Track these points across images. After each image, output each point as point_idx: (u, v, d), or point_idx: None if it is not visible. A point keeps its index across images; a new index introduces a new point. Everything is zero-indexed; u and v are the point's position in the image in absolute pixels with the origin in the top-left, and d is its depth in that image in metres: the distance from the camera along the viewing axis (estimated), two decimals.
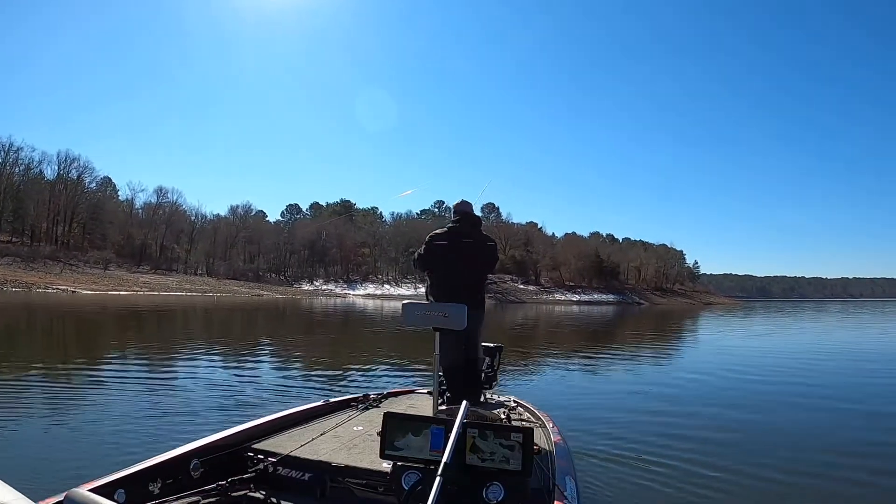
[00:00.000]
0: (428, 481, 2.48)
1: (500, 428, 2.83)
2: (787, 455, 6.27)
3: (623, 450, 6.10)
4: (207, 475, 3.15)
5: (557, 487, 2.98)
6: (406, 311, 4.28)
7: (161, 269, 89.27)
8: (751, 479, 5.36)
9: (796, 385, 11.45)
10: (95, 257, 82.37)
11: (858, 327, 35.73)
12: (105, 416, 7.08)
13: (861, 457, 6.38)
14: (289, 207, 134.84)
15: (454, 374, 4.89)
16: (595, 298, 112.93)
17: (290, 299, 74.05)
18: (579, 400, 9.23)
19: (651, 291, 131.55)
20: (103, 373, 10.73)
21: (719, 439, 6.84)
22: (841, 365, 15.85)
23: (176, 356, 13.73)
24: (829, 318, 47.58)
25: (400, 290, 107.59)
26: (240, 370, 11.85)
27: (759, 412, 8.79)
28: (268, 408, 7.01)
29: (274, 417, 4.04)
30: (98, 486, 2.59)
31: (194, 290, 76.26)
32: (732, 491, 5.05)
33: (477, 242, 5.03)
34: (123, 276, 78.35)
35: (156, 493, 2.88)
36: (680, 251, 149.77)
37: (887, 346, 22.54)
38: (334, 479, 3.22)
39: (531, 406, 5.02)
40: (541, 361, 14.64)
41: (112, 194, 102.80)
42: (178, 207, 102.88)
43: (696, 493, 4.94)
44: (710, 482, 5.21)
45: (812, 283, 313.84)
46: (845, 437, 7.42)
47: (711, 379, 12.35)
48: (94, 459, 5.15)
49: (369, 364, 13.12)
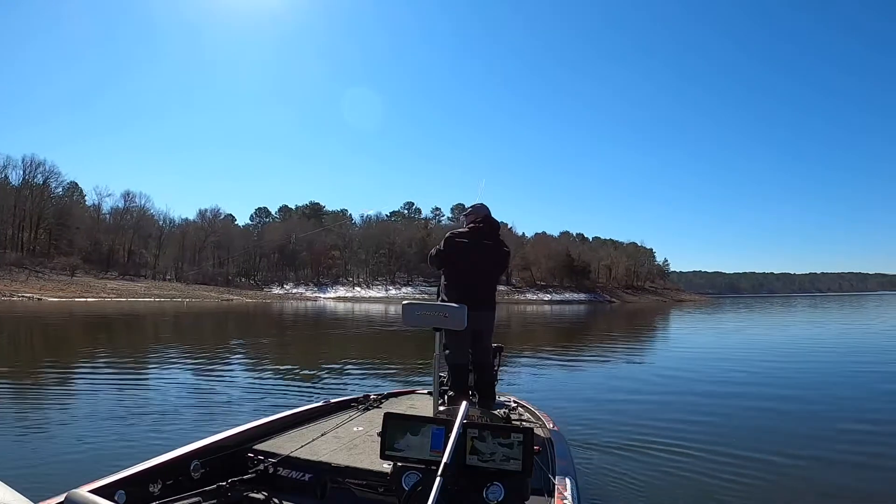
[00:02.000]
0: (428, 482, 2.50)
1: (501, 428, 2.85)
2: (788, 453, 6.20)
3: (623, 449, 6.10)
4: (208, 476, 3.16)
5: (558, 487, 2.97)
6: (406, 311, 4.22)
7: (129, 275, 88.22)
8: (752, 479, 5.26)
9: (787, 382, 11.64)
10: (62, 264, 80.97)
11: (827, 322, 35.83)
12: (78, 420, 7.11)
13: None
14: (258, 211, 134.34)
15: (460, 373, 4.88)
16: (566, 298, 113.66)
17: (261, 304, 73.54)
18: (577, 400, 9.19)
19: (622, 290, 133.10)
20: (72, 378, 10.80)
21: (719, 438, 6.73)
22: (828, 356, 16.35)
23: (156, 362, 13.78)
24: (797, 313, 47.48)
25: (371, 293, 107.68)
26: (212, 374, 11.92)
27: (759, 410, 8.63)
28: (267, 409, 7.12)
29: (274, 418, 4.05)
30: (98, 486, 2.60)
31: (163, 295, 75.14)
32: (734, 490, 4.97)
33: (496, 245, 5.05)
34: (91, 283, 77.00)
35: (156, 493, 2.88)
36: (650, 249, 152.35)
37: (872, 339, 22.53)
38: (335, 480, 3.23)
39: (531, 406, 5.02)
40: (528, 361, 14.58)
41: (79, 199, 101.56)
42: (146, 212, 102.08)
43: (696, 493, 4.92)
44: (711, 482, 5.17)
45: (780, 278, 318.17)
46: (845, 422, 7.80)
47: (707, 377, 12.39)
48: (82, 462, 5.24)
49: (367, 364, 13.42)
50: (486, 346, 5.02)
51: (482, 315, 4.83)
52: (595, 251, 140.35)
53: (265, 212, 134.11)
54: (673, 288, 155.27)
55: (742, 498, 4.83)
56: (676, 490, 4.96)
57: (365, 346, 19.42)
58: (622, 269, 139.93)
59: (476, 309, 4.49)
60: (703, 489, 4.96)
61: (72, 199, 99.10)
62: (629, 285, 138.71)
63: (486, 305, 4.92)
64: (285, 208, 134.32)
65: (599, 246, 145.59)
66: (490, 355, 5.09)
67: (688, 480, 5.16)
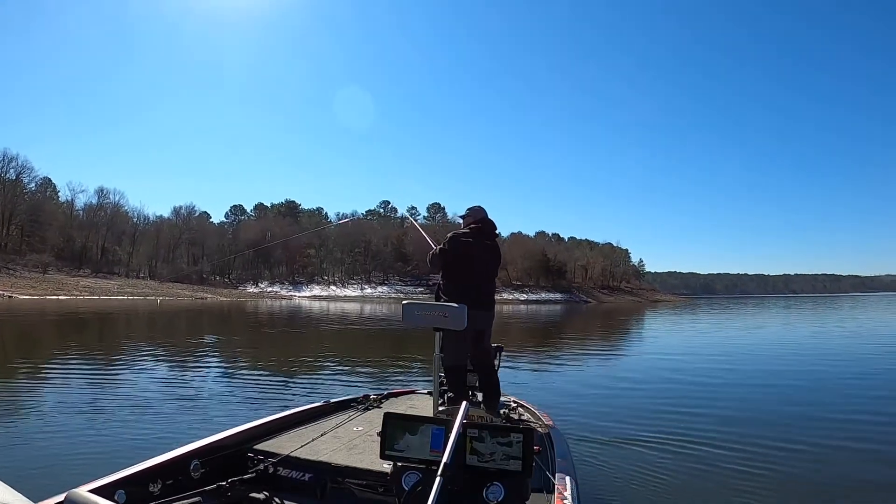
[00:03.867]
0: (428, 482, 2.51)
1: (501, 428, 2.86)
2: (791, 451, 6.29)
3: (623, 449, 6.13)
4: (208, 476, 3.15)
5: (558, 487, 2.97)
6: (406, 311, 4.20)
7: (102, 273, 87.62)
8: (754, 479, 5.24)
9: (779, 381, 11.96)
10: (34, 261, 79.95)
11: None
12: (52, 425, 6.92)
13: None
14: (233, 208, 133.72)
15: (458, 375, 4.84)
16: (542, 297, 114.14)
17: (235, 302, 73.42)
18: (575, 400, 9.17)
19: (598, 290, 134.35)
20: (46, 377, 10.69)
21: (719, 437, 6.75)
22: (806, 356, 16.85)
23: (130, 360, 13.66)
24: (774, 316, 47.12)
25: (346, 292, 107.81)
26: (201, 373, 11.92)
27: (759, 410, 8.69)
28: (267, 409, 7.13)
29: (274, 418, 4.04)
30: (98, 486, 2.60)
31: (136, 293, 74.25)
32: (735, 490, 4.95)
33: (494, 245, 5.08)
34: (63, 280, 76.12)
35: (156, 493, 2.87)
36: (625, 250, 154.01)
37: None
38: (335, 480, 3.23)
39: (531, 406, 5.02)
40: (523, 361, 14.62)
41: (52, 195, 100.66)
42: (120, 209, 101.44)
43: (697, 492, 4.94)
44: (711, 481, 5.18)
45: (755, 279, 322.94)
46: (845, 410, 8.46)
47: (703, 375, 12.61)
48: (81, 462, 5.23)
49: (366, 365, 13.59)
50: (487, 347, 5.01)
51: (484, 315, 4.86)
52: (571, 251, 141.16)
53: (240, 209, 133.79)
54: (648, 288, 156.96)
55: (740, 491, 4.91)
56: (676, 487, 4.99)
57: (359, 345, 19.49)
58: (598, 270, 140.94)
59: (478, 308, 4.62)
60: (703, 493, 4.96)
61: (45, 196, 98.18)
62: (605, 285, 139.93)
63: (488, 305, 4.94)
64: (261, 206, 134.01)
65: (575, 246, 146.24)
66: (492, 356, 5.07)
67: (688, 485, 5.11)
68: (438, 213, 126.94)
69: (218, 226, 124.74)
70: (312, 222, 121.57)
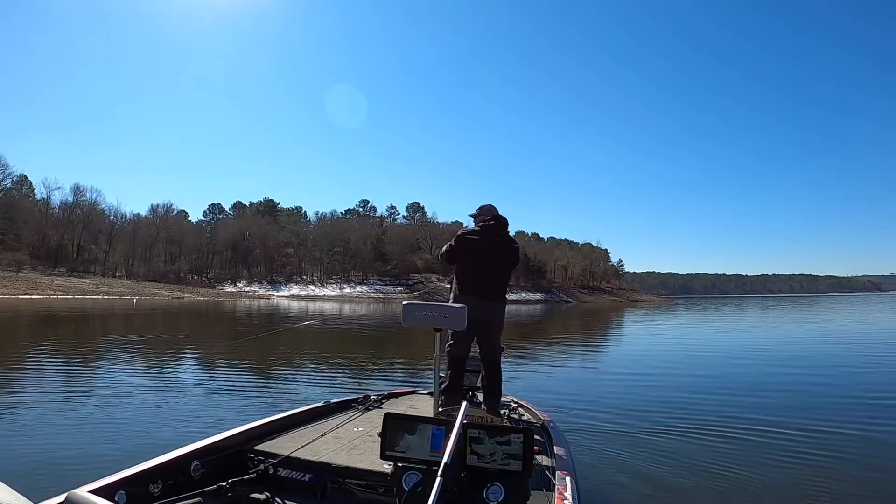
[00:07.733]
0: (428, 482, 2.52)
1: (501, 428, 2.88)
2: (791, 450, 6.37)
3: (623, 448, 6.16)
4: (208, 476, 3.15)
5: (558, 487, 2.97)
6: (406, 311, 4.22)
7: (77, 272, 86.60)
8: (755, 477, 5.31)
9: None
10: (8, 259, 78.52)
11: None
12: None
13: None
14: (211, 207, 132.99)
15: (459, 365, 4.97)
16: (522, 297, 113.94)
17: (212, 301, 72.73)
18: (575, 400, 9.15)
19: (578, 290, 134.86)
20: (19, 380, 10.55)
21: (719, 436, 6.83)
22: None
23: (111, 362, 13.36)
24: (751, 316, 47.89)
25: (325, 291, 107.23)
26: (190, 375, 11.93)
27: (759, 408, 8.73)
28: (267, 409, 7.21)
29: (274, 418, 4.05)
30: (98, 487, 2.59)
31: (112, 293, 73.25)
32: (736, 490, 4.99)
33: (504, 241, 5.18)
34: (37, 279, 74.81)
35: (156, 494, 2.87)
36: (605, 250, 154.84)
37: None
38: (335, 480, 3.23)
39: (531, 406, 5.04)
40: (519, 361, 14.63)
41: (27, 193, 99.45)
42: (97, 206, 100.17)
43: (697, 492, 4.96)
44: (711, 480, 5.22)
45: (732, 279, 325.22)
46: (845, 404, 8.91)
47: (701, 373, 12.93)
48: (80, 462, 5.27)
49: (365, 364, 13.69)
50: (495, 342, 5.09)
51: (489, 304, 4.99)
52: (550, 251, 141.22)
53: (219, 208, 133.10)
54: (628, 288, 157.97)
55: (739, 484, 5.05)
56: (678, 493, 4.98)
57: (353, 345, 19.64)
58: (578, 269, 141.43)
59: (482, 297, 4.90)
60: (703, 493, 4.99)
61: (20, 193, 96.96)
62: (585, 285, 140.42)
63: (494, 296, 5.06)
64: (239, 205, 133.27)
65: (555, 246, 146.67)
66: (499, 352, 5.12)
67: (688, 485, 5.15)
68: (418, 213, 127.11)
69: (196, 224, 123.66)
70: (291, 221, 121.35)
